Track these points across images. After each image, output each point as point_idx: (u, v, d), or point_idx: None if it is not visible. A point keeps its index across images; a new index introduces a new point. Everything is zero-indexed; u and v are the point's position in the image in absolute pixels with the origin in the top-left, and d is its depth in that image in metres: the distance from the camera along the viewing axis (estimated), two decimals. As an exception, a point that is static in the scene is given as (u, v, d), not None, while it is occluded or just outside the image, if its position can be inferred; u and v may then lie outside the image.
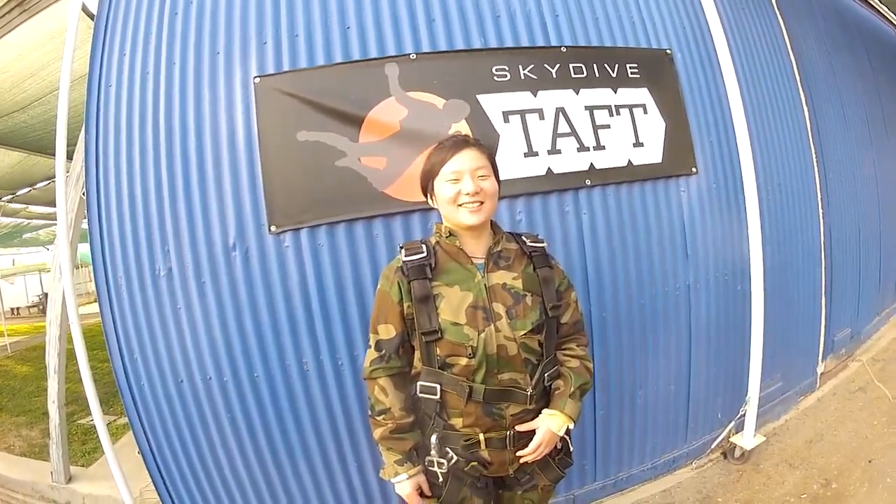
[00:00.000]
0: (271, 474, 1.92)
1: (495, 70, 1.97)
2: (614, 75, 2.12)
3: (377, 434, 1.26)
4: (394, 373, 1.25)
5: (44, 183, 6.72)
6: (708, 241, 2.28)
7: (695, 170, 2.25)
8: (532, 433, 1.23)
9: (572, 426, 1.26)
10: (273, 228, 1.82)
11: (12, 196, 7.31)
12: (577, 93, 2.05)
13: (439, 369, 1.21)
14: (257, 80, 1.85)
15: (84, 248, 2.71)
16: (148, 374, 1.88)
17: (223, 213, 1.83)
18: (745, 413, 2.40)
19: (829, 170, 2.98)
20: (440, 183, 1.24)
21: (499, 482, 1.34)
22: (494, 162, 1.29)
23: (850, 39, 3.72)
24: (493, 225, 1.32)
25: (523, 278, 1.25)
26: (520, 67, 2.00)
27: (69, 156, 2.11)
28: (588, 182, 2.03)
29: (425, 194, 1.31)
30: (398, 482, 1.24)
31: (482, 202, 1.21)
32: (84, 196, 2.08)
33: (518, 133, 1.97)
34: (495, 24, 2.03)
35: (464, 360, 1.19)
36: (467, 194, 1.20)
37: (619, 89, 2.12)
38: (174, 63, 1.90)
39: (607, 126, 2.08)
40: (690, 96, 2.31)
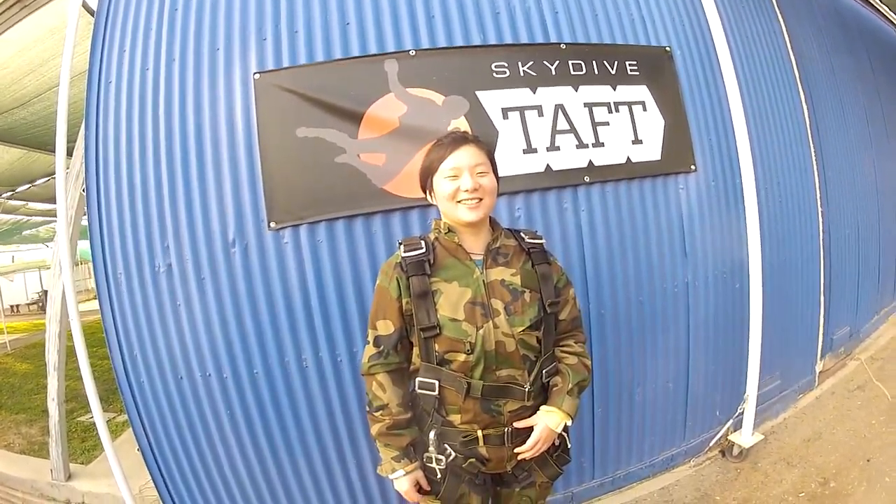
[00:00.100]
0: (270, 471, 1.92)
1: (494, 67, 1.97)
2: (613, 72, 2.12)
3: (374, 430, 1.26)
4: (392, 369, 1.25)
5: (43, 179, 6.70)
6: (706, 239, 2.28)
7: (694, 167, 2.25)
8: (530, 430, 1.23)
9: (570, 423, 1.26)
10: (272, 225, 1.82)
11: (12, 193, 7.29)
12: (577, 90, 2.05)
13: (438, 365, 1.21)
14: (257, 76, 1.85)
15: (84, 245, 2.71)
16: (148, 371, 1.89)
17: (223, 209, 1.83)
18: (743, 411, 2.40)
19: (829, 168, 2.98)
20: (439, 179, 1.24)
21: (497, 479, 1.34)
22: (493, 159, 1.29)
23: (849, 38, 3.71)
24: (491, 221, 1.32)
25: (522, 275, 1.25)
26: (519, 64, 2.00)
27: (69, 152, 2.11)
28: (587, 179, 2.03)
29: (424, 191, 1.32)
30: (395, 478, 1.25)
31: (481, 199, 1.22)
32: (84, 193, 2.08)
33: (517, 130, 1.97)
34: (495, 20, 2.03)
35: (462, 357, 1.19)
36: (466, 191, 1.20)
37: (619, 86, 2.12)
38: (174, 59, 1.90)
39: (606, 123, 2.08)
40: (690, 94, 2.30)
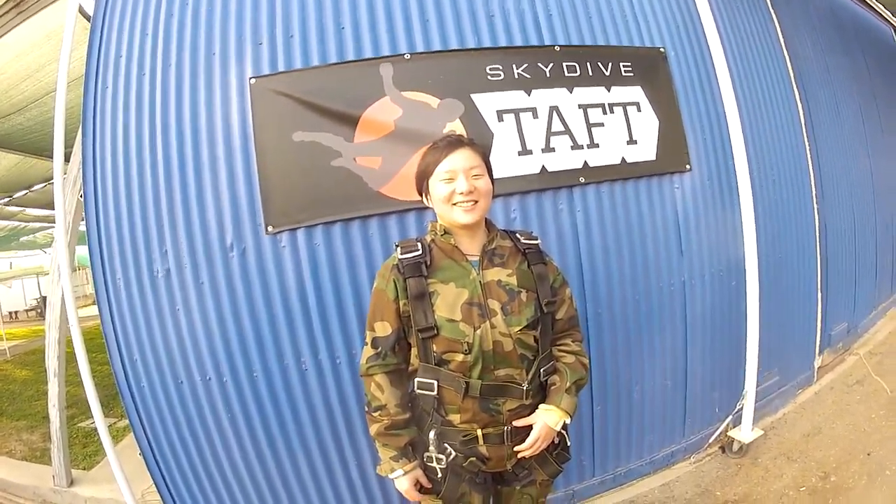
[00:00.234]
0: (271, 473, 1.93)
1: (489, 69, 1.98)
2: (608, 74, 2.13)
3: (373, 430, 1.27)
4: (390, 370, 1.26)
5: (41, 185, 6.70)
6: (702, 237, 2.29)
7: (688, 167, 2.26)
8: (529, 428, 1.24)
9: (569, 421, 1.27)
10: (270, 228, 1.83)
11: (9, 199, 7.28)
12: (571, 91, 2.07)
13: (436, 366, 1.22)
14: (253, 80, 1.86)
15: (82, 251, 2.71)
16: (148, 376, 1.89)
17: (220, 213, 1.84)
18: (742, 407, 2.41)
19: (824, 166, 3.00)
20: (435, 182, 1.25)
21: (497, 478, 1.35)
22: (488, 161, 1.30)
23: (845, 38, 3.73)
24: (487, 223, 1.33)
25: (518, 275, 1.26)
26: (514, 67, 2.01)
27: (66, 158, 2.12)
28: (582, 180, 2.04)
29: (420, 193, 1.33)
30: (395, 478, 1.26)
31: (476, 201, 1.23)
32: (81, 198, 2.09)
33: (512, 132, 1.98)
34: (489, 23, 2.04)
35: (460, 357, 1.20)
36: (461, 193, 1.21)
37: (613, 87, 2.14)
38: (170, 64, 1.91)
39: (601, 124, 2.09)
40: (684, 94, 2.32)
